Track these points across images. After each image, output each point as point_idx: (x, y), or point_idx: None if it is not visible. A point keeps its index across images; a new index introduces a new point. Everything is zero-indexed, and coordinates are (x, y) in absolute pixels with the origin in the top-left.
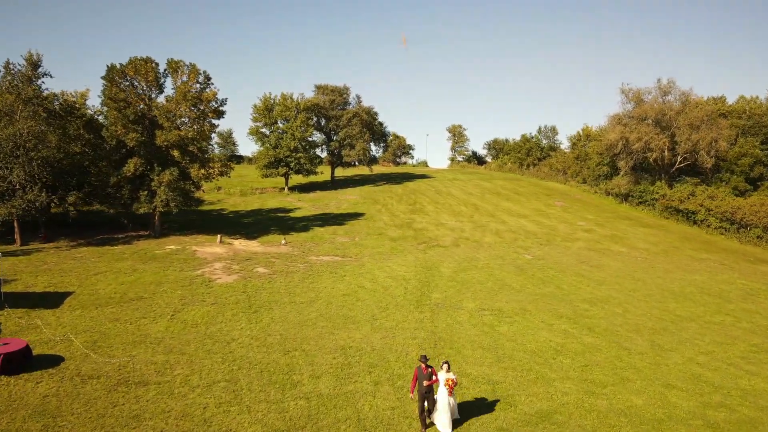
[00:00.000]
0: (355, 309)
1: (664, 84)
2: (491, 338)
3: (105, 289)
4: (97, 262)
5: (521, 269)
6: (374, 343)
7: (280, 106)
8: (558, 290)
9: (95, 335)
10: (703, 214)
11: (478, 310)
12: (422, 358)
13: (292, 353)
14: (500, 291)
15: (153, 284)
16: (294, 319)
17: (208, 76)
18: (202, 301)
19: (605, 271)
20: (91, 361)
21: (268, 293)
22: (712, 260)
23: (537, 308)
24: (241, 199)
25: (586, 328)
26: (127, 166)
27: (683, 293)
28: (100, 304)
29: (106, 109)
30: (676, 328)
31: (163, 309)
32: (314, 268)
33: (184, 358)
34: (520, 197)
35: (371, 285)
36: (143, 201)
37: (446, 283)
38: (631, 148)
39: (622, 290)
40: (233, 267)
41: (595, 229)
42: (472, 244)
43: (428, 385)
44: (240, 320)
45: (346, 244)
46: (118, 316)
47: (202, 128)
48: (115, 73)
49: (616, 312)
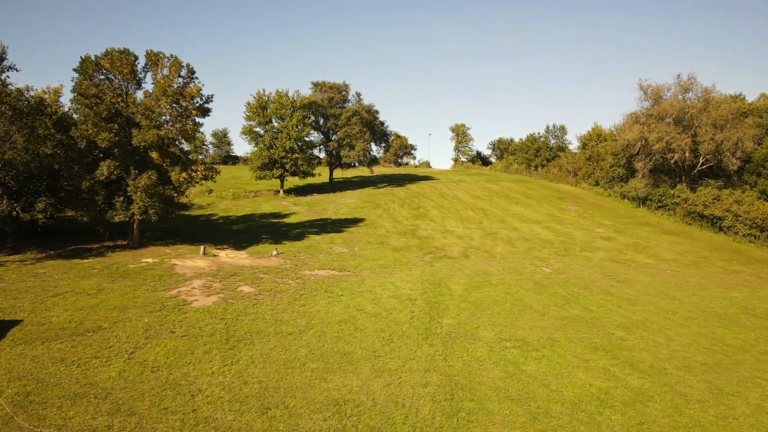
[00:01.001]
0: (352, 342)
1: (684, 80)
2: (519, 383)
3: (59, 316)
4: (59, 279)
5: (541, 286)
6: (376, 394)
7: (275, 104)
8: (586, 312)
9: (30, 384)
10: (731, 221)
11: (498, 341)
12: None
13: (271, 412)
14: (521, 314)
15: (117, 309)
16: (278, 357)
17: (191, 69)
18: (171, 333)
19: (635, 288)
20: (15, 427)
21: (251, 320)
22: (746, 273)
23: (566, 338)
24: (232, 203)
25: (629, 364)
26: (99, 170)
27: (727, 315)
28: (48, 337)
29: (78, 106)
30: (731, 362)
31: (121, 344)
32: (307, 285)
33: (132, 420)
34: (531, 201)
35: (372, 308)
36: (119, 208)
37: (458, 304)
38: (650, 149)
39: (658, 312)
40: (214, 285)
41: (614, 236)
42: (483, 254)
43: None
44: (212, 360)
45: (345, 255)
46: (66, 355)
47: (184, 127)
48: (89, 65)
49: (658, 341)
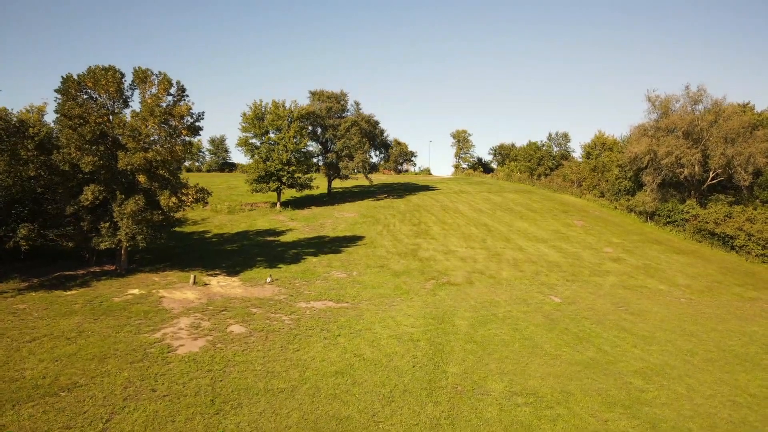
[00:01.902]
0: (350, 402)
1: (693, 92)
2: None
3: (34, 369)
4: (38, 318)
5: (551, 320)
6: None
7: (271, 114)
8: (601, 355)
9: None
10: (743, 240)
11: (508, 396)
12: None
13: None
14: (531, 357)
15: (96, 360)
16: (267, 426)
17: (182, 87)
18: (152, 392)
19: (649, 322)
20: None
21: (240, 372)
22: (763, 300)
23: (582, 389)
24: (228, 218)
25: (651, 425)
26: (84, 194)
27: (748, 356)
28: (20, 398)
29: (62, 129)
30: (758, 418)
31: (97, 409)
32: (302, 322)
33: None
34: (535, 215)
35: (371, 353)
36: (105, 234)
37: (463, 345)
38: (659, 163)
39: (677, 353)
40: (203, 325)
41: (624, 257)
42: (488, 280)
43: None
44: (195, 430)
45: (343, 282)
46: (36, 425)
47: (173, 148)
48: (72, 84)
49: (680, 393)
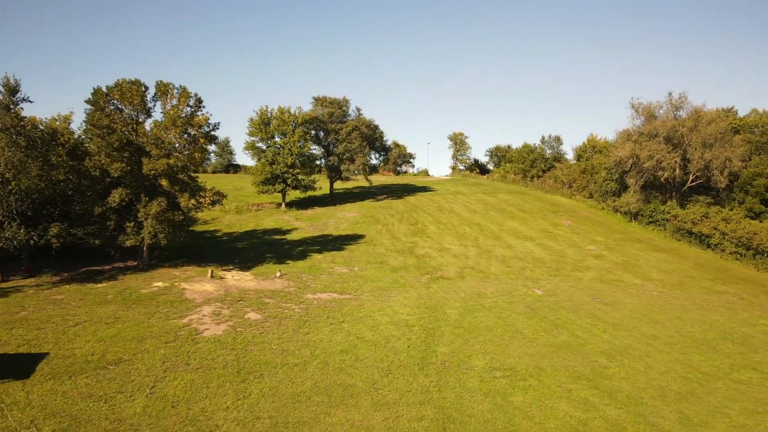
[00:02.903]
0: (353, 373)
1: (675, 99)
2: (506, 415)
3: (82, 348)
4: (77, 307)
5: (532, 309)
6: (375, 429)
7: (277, 120)
8: (573, 338)
9: (65, 421)
10: (718, 238)
11: (488, 371)
12: None
13: None
14: (512, 340)
15: (135, 340)
16: (286, 390)
17: (199, 99)
18: (186, 365)
19: (620, 311)
20: None
21: (259, 350)
22: (730, 294)
23: (552, 366)
24: (236, 218)
25: (608, 394)
26: (111, 196)
27: (705, 340)
28: (74, 371)
29: (92, 137)
30: (704, 391)
31: (142, 378)
32: (310, 310)
33: None
34: (526, 215)
35: (372, 335)
36: (130, 233)
37: (452, 330)
38: (641, 166)
39: (640, 337)
40: (223, 312)
41: (605, 254)
42: (477, 275)
43: None
44: (226, 393)
45: (345, 276)
46: (93, 390)
47: (192, 155)
48: (100, 96)
49: (637, 369)
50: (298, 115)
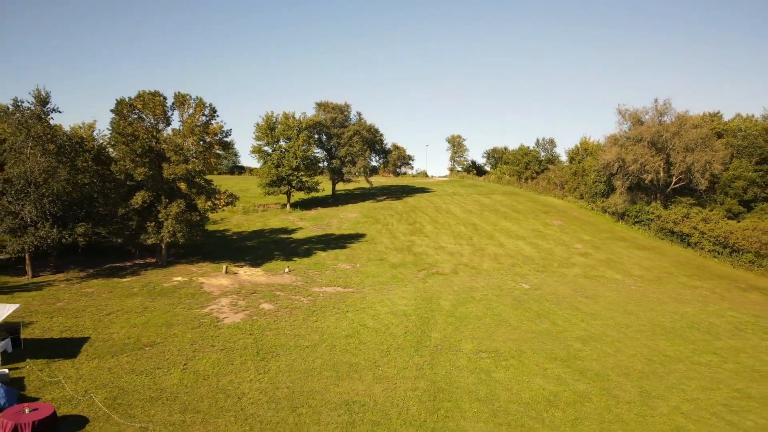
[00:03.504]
0: (357, 354)
1: (660, 105)
2: (488, 387)
3: (119, 333)
4: (108, 299)
5: (518, 301)
6: (376, 397)
7: (282, 125)
8: (553, 326)
9: (114, 391)
10: (697, 237)
11: (475, 353)
12: None
13: (299, 410)
14: (498, 328)
15: (164, 326)
16: (300, 367)
17: (213, 108)
18: (212, 347)
19: (599, 303)
20: (114, 423)
21: (274, 335)
22: (704, 288)
23: (532, 349)
24: (244, 218)
25: (579, 372)
26: (134, 199)
27: (673, 329)
28: (115, 351)
29: (116, 144)
30: (665, 371)
31: (175, 357)
32: (318, 302)
33: (198, 417)
34: (519, 215)
35: (373, 323)
36: (150, 232)
37: (445, 319)
38: (627, 169)
39: (615, 325)
40: (239, 303)
41: (591, 252)
42: (470, 271)
43: None
44: (249, 369)
45: (348, 272)
46: (134, 367)
47: (208, 160)
48: (124, 106)
49: (608, 352)
50: (302, 120)
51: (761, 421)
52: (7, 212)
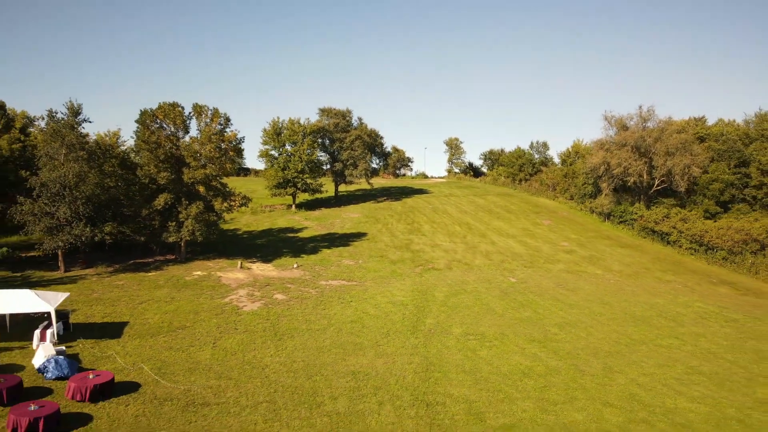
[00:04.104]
0: (361, 336)
1: (644, 112)
2: (472, 362)
3: (153, 318)
4: (138, 290)
5: (505, 293)
6: (378, 368)
7: (288, 130)
8: (534, 314)
9: (158, 363)
10: (676, 236)
11: (464, 336)
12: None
13: (314, 378)
14: (485, 316)
15: (191, 313)
16: (312, 345)
17: (227, 118)
18: (235, 329)
19: (578, 295)
20: (162, 387)
21: (288, 320)
22: (677, 282)
23: (514, 333)
24: (252, 218)
25: (552, 351)
26: (157, 200)
27: (643, 317)
28: (153, 333)
29: (140, 151)
30: (629, 351)
31: (205, 337)
32: (325, 293)
33: (231, 383)
34: (511, 215)
35: (374, 311)
36: (172, 231)
37: (438, 308)
38: (612, 172)
39: (590, 314)
40: (255, 294)
41: (576, 249)
42: (463, 266)
43: None
44: (269, 347)
45: (351, 268)
46: (171, 345)
47: (223, 165)
48: (147, 116)
49: (581, 336)
50: (307, 126)
51: (707, 392)
52: (44, 213)
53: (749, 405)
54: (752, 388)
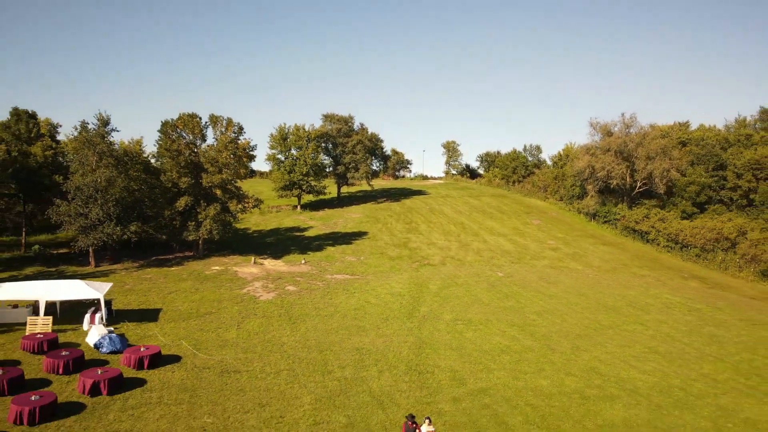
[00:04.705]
0: (364, 320)
1: (627, 119)
2: (459, 341)
3: (182, 306)
4: (164, 283)
5: (492, 286)
6: (378, 346)
7: (293, 135)
8: (517, 304)
9: (193, 341)
10: (654, 234)
11: (453, 321)
12: (409, 416)
13: (324, 352)
14: (473, 305)
15: (215, 302)
16: (322, 327)
17: (241, 126)
18: (255, 315)
19: (558, 287)
20: (200, 358)
21: (300, 308)
22: (650, 277)
23: (497, 319)
24: (261, 218)
25: (529, 334)
26: (178, 202)
27: (614, 306)
28: (184, 317)
29: (162, 158)
30: (596, 334)
31: (229, 321)
32: (331, 286)
33: (256, 356)
34: (503, 215)
35: (375, 300)
36: (191, 230)
37: (432, 298)
38: (596, 175)
39: (566, 304)
40: (269, 286)
41: (561, 247)
42: (456, 262)
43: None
44: (285, 329)
45: (354, 264)
46: (202, 327)
47: (238, 170)
48: (168, 126)
49: (556, 322)
50: (311, 131)
51: (658, 366)
52: (78, 214)
53: (693, 377)
54: (700, 365)
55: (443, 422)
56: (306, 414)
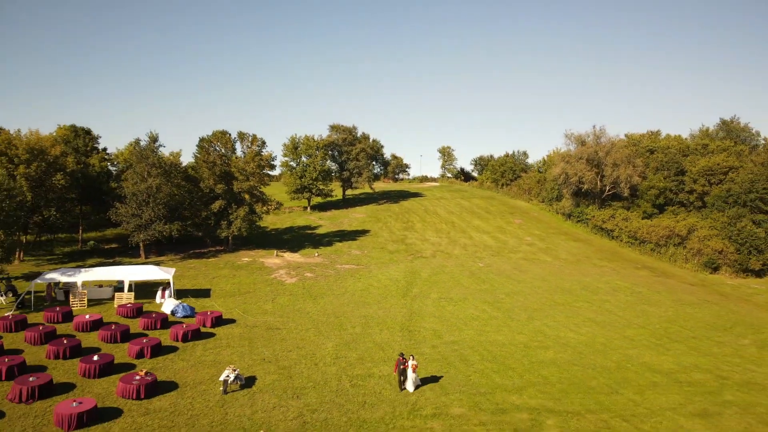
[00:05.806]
0: (368, 298)
1: (598, 130)
2: (441, 312)
3: (226, 287)
4: (206, 270)
5: (473, 274)
6: (379, 314)
7: (304, 144)
8: (491, 287)
9: (241, 310)
10: (618, 232)
11: (438, 299)
12: (400, 354)
13: (340, 318)
14: (455, 287)
15: (251, 284)
16: (336, 302)
17: (264, 141)
18: (283, 293)
19: (527, 275)
20: (249, 320)
21: (318, 289)
22: (607, 267)
23: (473, 297)
24: (276, 218)
25: (496, 308)
26: (214, 205)
27: (570, 290)
28: (230, 295)
29: (200, 168)
30: (550, 309)
31: (265, 297)
32: (341, 273)
33: (289, 320)
34: (489, 215)
35: (377, 284)
36: (224, 228)
37: (422, 283)
38: (570, 180)
39: (531, 287)
40: (291, 273)
41: (536, 243)
42: (444, 255)
43: (403, 368)
44: (308, 303)
45: (359, 256)
46: (245, 301)
47: (262, 178)
48: (205, 142)
49: (519, 300)
50: (320, 141)
51: (591, 330)
52: (133, 215)
53: (615, 338)
54: (624, 330)
55: (424, 359)
56: (329, 352)
